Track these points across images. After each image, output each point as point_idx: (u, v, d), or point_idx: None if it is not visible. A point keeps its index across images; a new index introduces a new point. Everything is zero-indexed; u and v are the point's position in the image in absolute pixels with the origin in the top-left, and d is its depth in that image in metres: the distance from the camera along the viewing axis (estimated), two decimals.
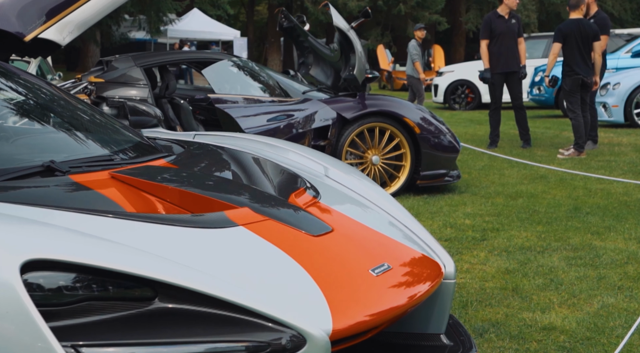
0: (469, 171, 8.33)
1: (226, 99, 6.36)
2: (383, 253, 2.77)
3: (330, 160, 3.53)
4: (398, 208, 3.22)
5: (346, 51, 8.27)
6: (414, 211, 6.15)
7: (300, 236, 2.61)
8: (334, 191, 3.21)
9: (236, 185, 2.93)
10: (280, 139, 3.72)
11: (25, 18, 5.69)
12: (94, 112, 3.45)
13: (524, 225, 5.64)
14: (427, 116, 6.97)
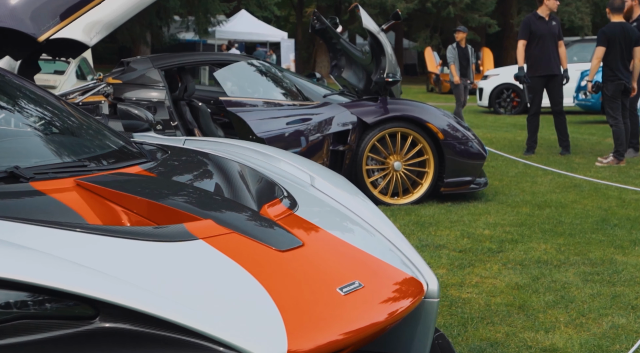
0: (501, 178, 8.10)
1: (239, 102, 6.24)
2: (356, 270, 2.61)
3: (319, 169, 3.38)
4: (384, 221, 3.06)
5: (377, 53, 8.12)
6: (433, 219, 5.96)
7: (265, 251, 2.47)
8: (315, 202, 3.06)
9: (206, 195, 2.80)
10: (272, 147, 3.58)
11: (38, 19, 5.65)
12: (77, 116, 3.35)
13: (545, 237, 5.41)
14: (452, 121, 6.77)
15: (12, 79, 3.46)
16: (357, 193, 3.27)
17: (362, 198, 3.22)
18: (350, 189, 3.29)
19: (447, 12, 35.17)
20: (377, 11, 34.97)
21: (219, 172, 3.11)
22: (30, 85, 3.48)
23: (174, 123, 6.23)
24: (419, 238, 5.34)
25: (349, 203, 3.12)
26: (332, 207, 3.06)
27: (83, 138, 3.21)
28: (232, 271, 2.30)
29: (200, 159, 3.26)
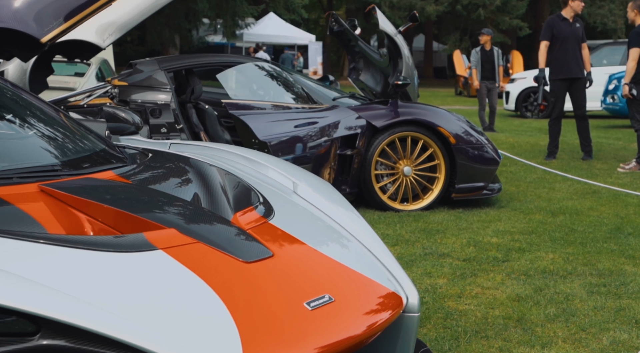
0: (518, 183, 7.92)
1: (243, 105, 6.14)
2: (328, 283, 2.49)
3: (304, 176, 3.26)
4: (366, 231, 2.93)
5: (394, 56, 8.00)
6: (441, 226, 5.81)
7: (229, 263, 2.36)
8: (294, 211, 2.94)
9: (176, 203, 2.68)
10: (258, 153, 3.47)
11: (41, 20, 5.61)
12: (54, 118, 3.26)
13: (554, 246, 5.24)
14: (465, 125, 6.61)
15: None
16: (341, 201, 3.14)
17: (346, 207, 3.09)
18: (334, 197, 3.17)
19: (478, 14, 34.85)
20: (406, 13, 34.72)
21: (197, 178, 3.00)
22: (3, 83, 3.39)
23: (179, 126, 6.14)
24: (422, 246, 5.19)
25: (331, 211, 3.00)
26: (312, 216, 2.94)
27: (58, 142, 3.11)
28: (189, 284, 2.20)
29: (180, 165, 3.15)
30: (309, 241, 2.68)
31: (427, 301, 4.03)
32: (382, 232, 5.58)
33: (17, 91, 3.33)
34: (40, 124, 3.16)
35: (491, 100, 14.08)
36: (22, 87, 3.44)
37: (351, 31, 8.39)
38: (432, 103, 24.09)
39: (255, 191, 2.92)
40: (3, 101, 3.22)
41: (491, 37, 14.49)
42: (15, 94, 3.29)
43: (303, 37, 29.79)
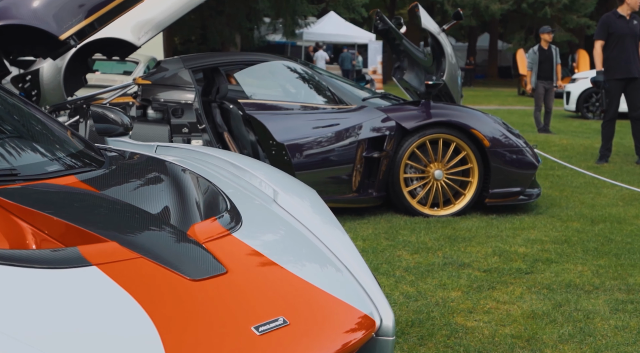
0: (563, 188, 7.55)
1: (262, 105, 5.94)
2: (287, 304, 2.26)
3: (288, 184, 3.04)
4: (347, 246, 2.70)
5: (437, 55, 7.74)
6: (469, 234, 5.52)
7: (173, 281, 2.16)
8: (267, 222, 2.72)
9: (131, 212, 2.48)
10: (247, 158, 3.26)
11: (60, 17, 5.54)
12: (26, 118, 3.10)
13: (585, 257, 4.91)
14: (500, 127, 6.29)
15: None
16: (324, 213, 2.91)
17: (328, 219, 2.86)
18: (317, 208, 2.94)
19: (544, 13, 34.06)
20: (470, 12, 34.18)
21: (168, 185, 2.81)
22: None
23: (201, 126, 5.98)
24: (444, 255, 4.92)
25: (311, 223, 2.77)
26: (287, 228, 2.71)
27: (23, 144, 2.95)
28: (119, 306, 2.00)
29: (153, 170, 2.97)
30: (275, 256, 2.46)
31: (434, 316, 3.77)
32: (404, 239, 5.32)
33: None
34: (5, 125, 3.01)
35: (547, 101, 13.61)
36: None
37: (396, 30, 8.16)
38: (492, 103, 23.63)
39: (225, 199, 2.71)
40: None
41: (552, 35, 14.01)
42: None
43: (363, 36, 29.48)
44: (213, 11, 29.42)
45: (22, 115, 3.09)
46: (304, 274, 2.43)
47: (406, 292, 4.16)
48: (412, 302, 3.99)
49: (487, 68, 43.18)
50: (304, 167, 5.56)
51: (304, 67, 6.43)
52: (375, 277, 2.64)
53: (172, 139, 5.88)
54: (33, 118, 3.12)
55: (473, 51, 41.80)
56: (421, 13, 8.10)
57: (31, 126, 3.07)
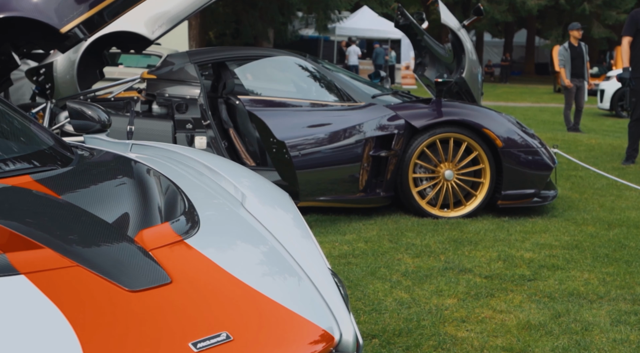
0: (584, 190, 7.31)
1: (267, 102, 5.79)
2: (233, 318, 2.12)
3: (259, 187, 2.90)
4: (313, 256, 2.55)
5: (458, 51, 7.57)
6: (477, 237, 5.33)
7: (109, 291, 2.02)
8: (229, 227, 2.58)
9: (77, 216, 2.35)
10: (220, 158, 3.13)
11: (61, 10, 5.46)
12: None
13: (593, 264, 4.70)
14: (514, 127, 6.08)
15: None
16: (294, 220, 2.75)
17: (297, 225, 2.71)
18: (287, 213, 2.79)
19: (582, 9, 33.51)
20: (506, 7, 33.74)
21: (129, 186, 2.68)
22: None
23: (205, 122, 5.86)
24: (446, 259, 4.75)
25: (277, 229, 2.62)
26: (248, 235, 2.56)
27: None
28: (44, 319, 1.86)
29: (117, 169, 2.85)
30: (229, 265, 2.31)
31: (424, 325, 3.61)
32: (408, 241, 5.16)
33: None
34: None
35: (578, 99, 13.29)
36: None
37: (417, 25, 7.99)
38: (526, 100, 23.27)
39: (185, 203, 2.57)
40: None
41: (582, 32, 13.70)
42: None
43: (396, 31, 29.10)
44: (247, 5, 29.41)
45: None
46: (259, 285, 2.28)
47: (400, 298, 4.00)
48: (404, 309, 3.83)
49: (524, 65, 42.61)
50: (307, 165, 5.41)
51: (311, 63, 6.27)
52: (343, 288, 2.49)
53: (175, 135, 5.77)
54: (4, 118, 3.01)
55: (509, 47, 41.28)
56: (441, 8, 7.93)
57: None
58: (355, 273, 4.41)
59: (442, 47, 8.24)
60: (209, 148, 5.80)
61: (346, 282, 4.24)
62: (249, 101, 5.84)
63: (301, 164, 5.37)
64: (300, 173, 5.35)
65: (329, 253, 4.83)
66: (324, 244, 5.08)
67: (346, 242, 5.13)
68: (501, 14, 33.81)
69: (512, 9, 34.21)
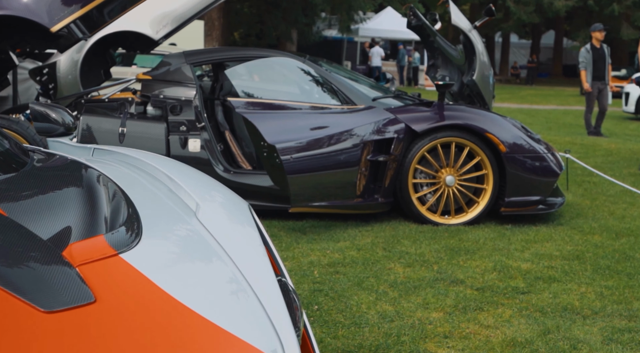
0: (595, 197, 7.08)
1: (259, 104, 5.63)
2: (158, 342, 1.95)
3: (216, 196, 2.74)
4: (265, 272, 2.38)
5: (469, 53, 7.39)
6: (475, 245, 5.14)
7: (19, 312, 1.86)
8: (175, 240, 2.42)
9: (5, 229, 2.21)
10: (180, 165, 2.97)
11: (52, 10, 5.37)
12: None
13: (593, 276, 4.50)
14: (519, 132, 5.87)
15: None
16: (249, 232, 2.58)
17: (251, 239, 2.54)
18: (243, 225, 2.62)
19: (611, 9, 32.95)
20: (533, 9, 33.32)
21: (76, 193, 2.54)
22: None
23: (200, 124, 5.73)
24: (439, 270, 4.56)
25: (229, 243, 2.45)
26: (195, 249, 2.39)
27: None
28: None
29: (66, 175, 2.71)
30: (166, 283, 2.15)
31: (403, 341, 3.44)
32: (402, 250, 4.98)
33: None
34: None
35: (602, 101, 12.98)
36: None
37: (429, 26, 7.82)
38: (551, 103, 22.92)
39: (129, 212, 2.42)
40: None
41: (603, 33, 13.42)
42: None
43: None
44: (270, 5, 29.32)
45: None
46: (197, 304, 2.12)
47: (383, 311, 3.83)
48: (386, 323, 3.66)
49: (552, 66, 42.12)
50: (299, 170, 5.24)
51: (310, 64, 6.10)
52: (297, 305, 2.33)
53: (168, 137, 5.64)
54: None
55: (537, 49, 40.81)
56: (452, 9, 7.76)
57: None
58: (341, 284, 4.25)
59: (455, 49, 8.06)
60: (203, 151, 5.66)
61: (331, 293, 4.08)
62: (245, 104, 5.70)
63: (293, 168, 5.20)
64: (292, 177, 5.18)
65: (318, 261, 4.67)
66: (315, 251, 4.92)
67: (338, 250, 4.96)
68: (528, 15, 33.37)
69: (539, 10, 33.77)
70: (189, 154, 5.65)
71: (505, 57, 40.33)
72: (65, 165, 2.78)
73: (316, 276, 4.37)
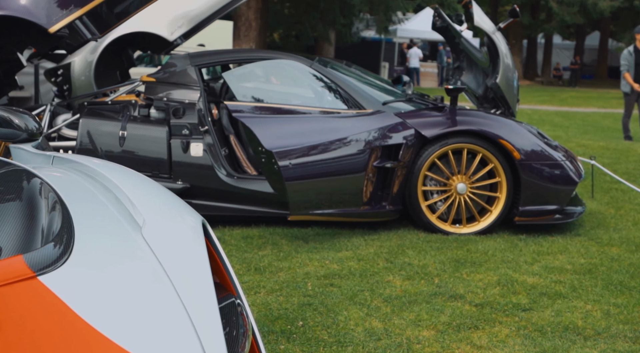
0: (621, 205, 6.78)
1: (261, 108, 5.46)
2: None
3: (167, 211, 2.55)
4: (207, 296, 2.20)
5: (493, 55, 7.16)
6: (484, 257, 4.90)
7: None
8: (110, 260, 2.23)
9: None
10: (140, 178, 2.79)
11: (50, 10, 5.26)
12: None
13: (603, 292, 4.24)
14: (535, 138, 5.62)
15: None
16: (197, 251, 2.40)
17: (198, 258, 2.35)
18: (191, 245, 2.43)
19: None
20: (577, 9, 32.70)
21: (19, 206, 2.39)
22: None
23: (203, 128, 5.58)
24: (438, 283, 4.35)
25: (171, 263, 2.27)
26: (131, 270, 2.20)
27: None
28: None
29: (14, 186, 2.56)
30: (89, 311, 1.96)
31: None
32: (405, 261, 4.77)
33: None
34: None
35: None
36: None
37: (454, 27, 7.60)
38: (592, 105, 22.40)
39: (61, 227, 2.25)
40: None
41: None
42: None
43: None
44: (309, 6, 29.18)
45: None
46: (122, 336, 1.93)
47: (371, 328, 3.63)
48: (372, 342, 3.46)
49: (596, 68, 41.34)
50: (300, 176, 5.06)
51: (319, 67, 5.90)
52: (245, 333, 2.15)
53: (170, 141, 5.50)
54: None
55: (581, 50, 40.09)
56: (474, 9, 7.52)
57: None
58: (333, 297, 4.06)
59: (480, 51, 7.83)
60: (205, 155, 5.51)
61: (320, 307, 3.89)
62: (245, 107, 5.53)
63: (292, 174, 5.01)
64: (291, 184, 4.99)
65: (314, 273, 4.49)
66: (314, 261, 4.74)
67: (337, 260, 4.77)
68: (571, 16, 32.77)
69: (582, 10, 33.14)
70: (191, 159, 5.50)
71: (547, 58, 39.67)
72: (9, 174, 2.64)
73: (309, 289, 4.18)
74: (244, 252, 4.92)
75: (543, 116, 17.25)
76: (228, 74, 5.84)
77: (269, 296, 4.05)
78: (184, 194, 5.47)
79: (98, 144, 5.41)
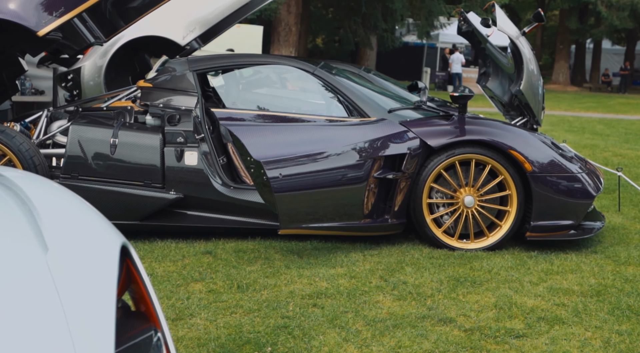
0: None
1: (243, 116, 5.21)
2: None
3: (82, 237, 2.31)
4: (103, 327, 1.95)
5: (518, 61, 6.85)
6: (486, 276, 4.59)
7: None
8: (8, 290, 2.02)
9: None
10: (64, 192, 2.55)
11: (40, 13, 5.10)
12: None
13: (607, 318, 3.90)
14: (548, 150, 5.29)
15: None
16: (106, 281, 2.16)
17: (104, 290, 2.11)
18: (99, 275, 2.19)
19: None
20: (627, 13, 31.88)
21: None
22: None
23: (198, 136, 5.36)
24: (430, 305, 4.05)
25: (70, 294, 2.03)
26: (27, 301, 1.98)
27: None
28: None
29: None
30: None
31: None
32: (400, 279, 4.49)
33: None
34: None
35: None
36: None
37: (480, 32, 7.30)
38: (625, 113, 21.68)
39: None
40: None
41: None
42: None
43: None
44: (350, 11, 28.92)
45: None
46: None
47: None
48: None
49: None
50: (292, 188, 4.79)
51: (322, 72, 5.64)
52: None
53: (163, 149, 5.29)
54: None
55: (631, 55, 39.12)
56: (497, 13, 7.21)
57: None
58: (312, 319, 3.79)
59: (505, 56, 7.51)
60: (201, 164, 5.29)
61: (296, 331, 3.63)
62: (238, 114, 5.30)
63: (283, 186, 4.75)
64: (281, 196, 4.74)
65: (300, 291, 4.22)
66: (302, 278, 4.47)
67: (328, 278, 4.50)
68: (621, 20, 31.96)
69: (633, 14, 32.30)
70: (185, 168, 5.29)
71: (596, 64, 38.81)
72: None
73: (289, 310, 3.92)
74: (232, 267, 4.67)
75: (584, 124, 16.72)
76: (220, 80, 5.61)
77: (244, 318, 3.81)
78: (177, 205, 5.26)
79: (88, 152, 5.22)
